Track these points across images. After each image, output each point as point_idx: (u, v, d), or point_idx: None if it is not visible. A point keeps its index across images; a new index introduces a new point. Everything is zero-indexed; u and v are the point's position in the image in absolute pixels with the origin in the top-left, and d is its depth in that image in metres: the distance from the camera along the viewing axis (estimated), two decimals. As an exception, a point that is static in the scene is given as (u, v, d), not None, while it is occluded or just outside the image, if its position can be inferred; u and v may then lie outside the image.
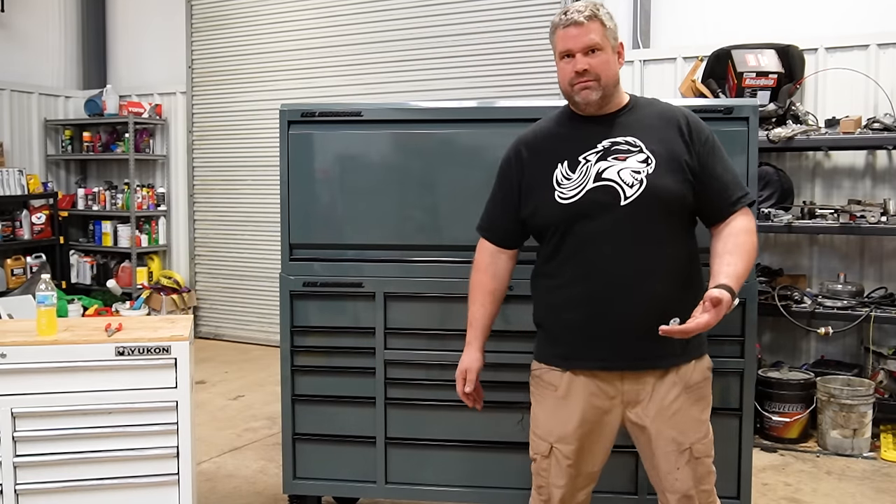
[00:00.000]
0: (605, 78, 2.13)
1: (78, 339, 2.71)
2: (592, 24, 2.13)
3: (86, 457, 2.71)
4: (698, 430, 2.18)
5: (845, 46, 4.89)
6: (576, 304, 2.17)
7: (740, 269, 2.05)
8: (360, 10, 6.45)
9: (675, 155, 2.13)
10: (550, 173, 2.18)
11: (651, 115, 2.21)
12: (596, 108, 2.17)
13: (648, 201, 2.09)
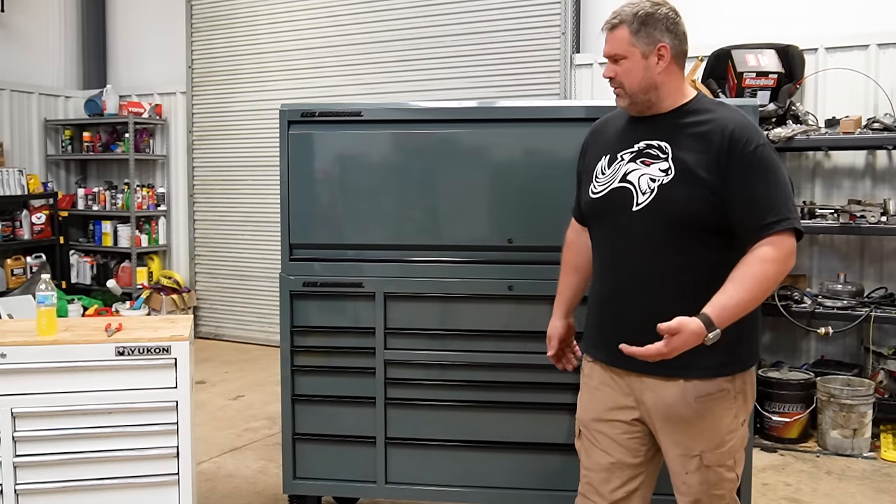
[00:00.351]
0: (629, 86, 2.10)
1: (78, 339, 2.71)
2: (617, 32, 2.11)
3: (86, 457, 2.71)
4: (712, 440, 2.13)
5: (845, 46, 4.89)
6: (594, 298, 2.27)
7: (735, 299, 1.94)
8: (360, 10, 6.44)
9: (698, 168, 2.03)
10: (595, 164, 2.23)
11: (699, 121, 2.08)
12: (636, 112, 2.16)
13: (657, 211, 2.05)
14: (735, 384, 2.15)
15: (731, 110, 2.12)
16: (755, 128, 2.09)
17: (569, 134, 2.96)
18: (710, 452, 2.14)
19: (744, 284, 1.97)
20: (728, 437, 2.15)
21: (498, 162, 3.02)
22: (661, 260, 2.08)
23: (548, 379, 2.99)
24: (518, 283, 2.97)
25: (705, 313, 1.90)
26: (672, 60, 2.09)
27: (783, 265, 2.04)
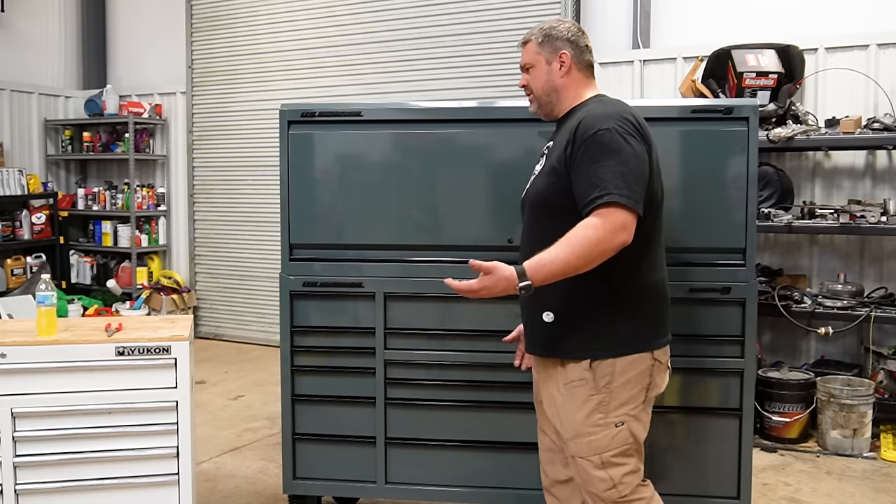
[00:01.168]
0: (536, 91, 2.39)
1: (78, 339, 2.71)
2: (526, 47, 2.41)
3: (86, 457, 2.71)
4: (572, 428, 2.22)
5: (845, 46, 4.89)
6: None
7: (553, 256, 2.03)
8: (360, 10, 6.44)
9: (555, 159, 2.24)
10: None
11: (570, 122, 2.27)
12: (544, 117, 2.44)
13: (529, 202, 2.36)
14: (597, 374, 2.19)
15: (600, 105, 2.26)
16: (608, 117, 2.17)
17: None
18: (572, 441, 2.22)
19: (564, 245, 2.05)
20: (588, 430, 2.19)
21: (498, 162, 3.02)
22: (532, 245, 2.20)
23: (548, 379, 2.99)
24: (518, 283, 2.97)
25: (521, 265, 2.04)
26: (573, 67, 2.34)
27: (607, 234, 2.04)
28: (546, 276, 2.03)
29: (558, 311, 2.22)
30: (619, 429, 2.19)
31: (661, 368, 2.28)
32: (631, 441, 2.21)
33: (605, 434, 2.18)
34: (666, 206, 2.92)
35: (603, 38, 5.75)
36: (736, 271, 2.88)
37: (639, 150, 2.14)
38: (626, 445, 2.20)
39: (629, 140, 2.13)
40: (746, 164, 2.83)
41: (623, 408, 2.19)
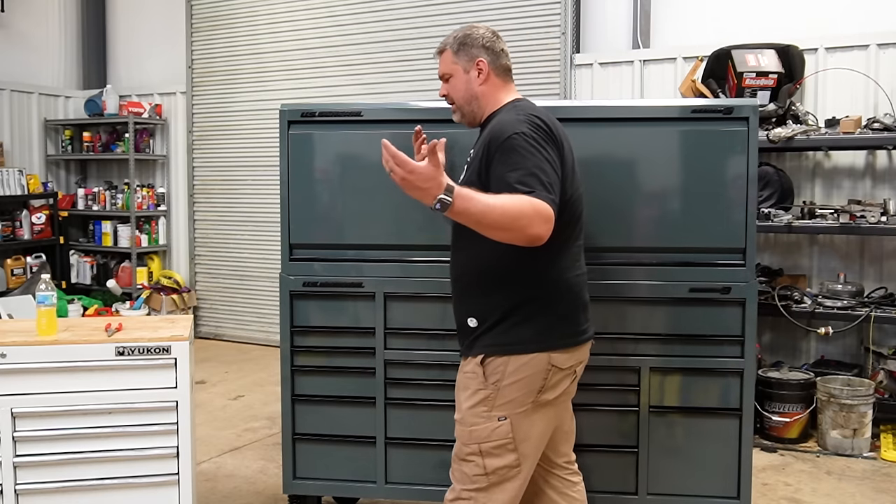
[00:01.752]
0: (458, 100, 2.42)
1: (78, 339, 2.71)
2: (442, 56, 2.42)
3: (86, 457, 2.71)
4: (458, 410, 2.34)
5: (845, 46, 4.89)
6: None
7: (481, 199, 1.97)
8: (360, 10, 6.44)
9: (474, 168, 2.27)
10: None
11: (487, 129, 2.31)
12: (468, 125, 2.45)
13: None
14: (487, 371, 2.25)
15: (512, 111, 2.28)
16: (519, 122, 2.18)
17: (568, 134, 2.96)
18: (458, 424, 2.33)
19: (497, 200, 2.00)
20: (472, 420, 2.28)
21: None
22: (461, 254, 2.35)
23: (548, 379, 2.99)
24: (518, 283, 2.97)
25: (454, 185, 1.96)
26: (490, 73, 2.36)
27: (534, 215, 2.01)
28: (464, 211, 1.96)
29: (480, 317, 2.29)
30: (501, 423, 2.24)
31: (560, 374, 2.28)
32: (510, 437, 2.25)
33: (487, 426, 2.25)
34: (666, 207, 2.94)
35: (603, 38, 5.76)
36: (736, 271, 2.89)
37: (551, 154, 2.15)
38: (505, 440, 2.25)
39: (541, 145, 2.14)
40: (746, 164, 2.83)
41: (508, 405, 2.25)
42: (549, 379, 2.26)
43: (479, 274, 2.30)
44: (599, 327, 2.95)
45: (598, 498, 2.99)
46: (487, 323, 2.27)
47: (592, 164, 2.96)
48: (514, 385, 2.23)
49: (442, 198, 1.92)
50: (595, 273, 2.94)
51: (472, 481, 2.30)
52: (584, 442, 3.00)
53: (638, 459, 2.96)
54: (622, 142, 2.93)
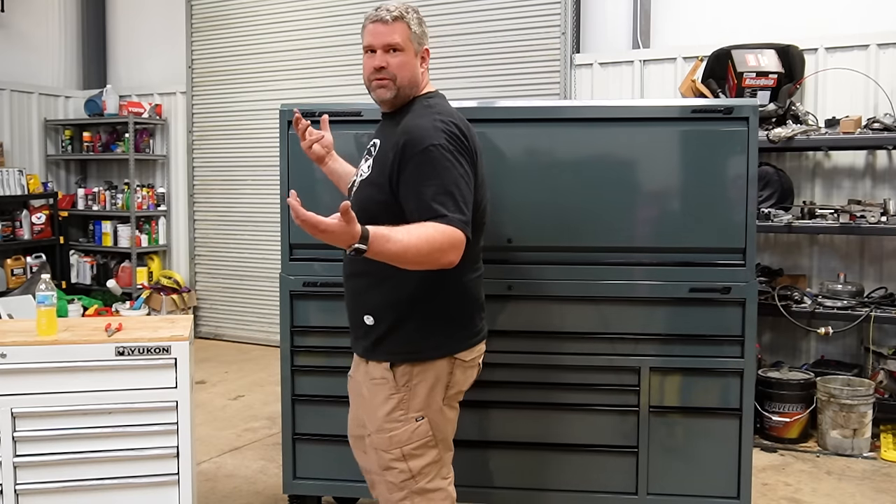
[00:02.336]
0: (401, 79, 2.23)
1: (78, 339, 2.71)
2: (398, 25, 2.22)
3: (86, 457, 2.71)
4: (373, 423, 2.28)
5: (845, 46, 4.89)
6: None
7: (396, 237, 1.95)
8: (359, 10, 6.43)
9: (382, 168, 2.19)
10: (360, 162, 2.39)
11: (398, 123, 2.24)
12: (389, 107, 2.29)
13: (355, 204, 2.15)
14: (396, 375, 2.25)
15: (427, 113, 2.19)
16: (434, 131, 2.13)
17: (569, 134, 2.97)
18: (375, 435, 2.28)
19: (411, 236, 1.98)
20: (389, 426, 2.25)
21: (497, 162, 3.02)
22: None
23: (547, 379, 2.99)
24: (517, 283, 2.97)
25: (368, 229, 1.91)
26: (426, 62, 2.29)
27: (445, 246, 2.02)
28: (381, 253, 1.94)
29: (377, 315, 2.26)
30: (420, 423, 2.25)
31: (464, 367, 2.32)
32: (430, 435, 2.27)
33: (406, 429, 2.25)
34: (666, 207, 2.94)
35: (603, 38, 5.76)
36: (736, 271, 2.89)
37: (466, 169, 2.14)
38: (426, 439, 2.26)
39: (457, 158, 2.12)
40: (746, 164, 2.83)
41: (423, 404, 2.26)
42: (456, 375, 2.30)
43: (378, 272, 2.17)
44: (600, 327, 2.96)
45: (598, 498, 2.99)
46: (386, 323, 2.24)
47: (592, 164, 2.97)
48: (424, 384, 2.25)
49: (357, 247, 1.89)
50: (595, 273, 2.95)
51: (399, 488, 2.28)
52: (584, 442, 3.00)
53: (638, 459, 2.96)
54: (622, 142, 2.93)
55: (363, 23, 2.31)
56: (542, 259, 2.97)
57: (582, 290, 2.94)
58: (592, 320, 2.96)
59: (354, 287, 2.31)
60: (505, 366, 3.01)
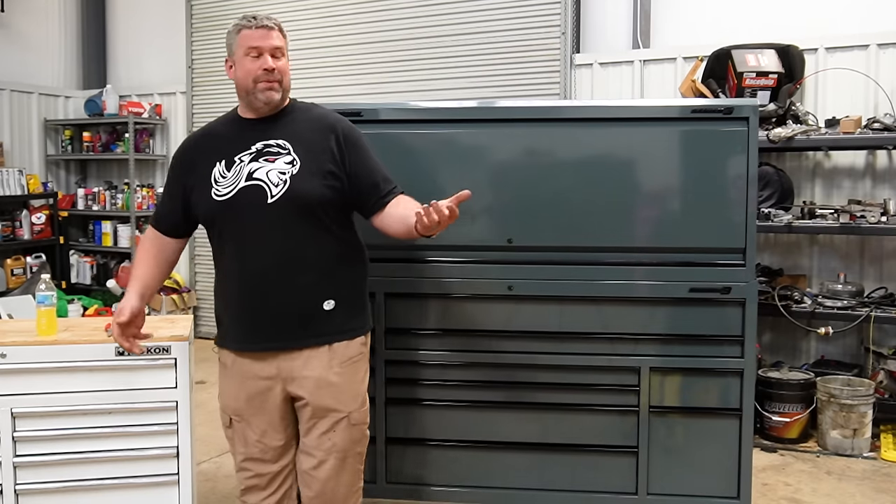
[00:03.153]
0: (286, 82, 2.38)
1: (78, 339, 2.71)
2: (276, 33, 2.37)
3: (86, 457, 2.70)
4: (355, 401, 2.41)
5: (845, 46, 4.89)
6: (229, 294, 2.41)
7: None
8: (360, 10, 6.44)
9: (321, 159, 2.33)
10: (209, 171, 2.36)
11: (305, 119, 2.41)
12: (273, 109, 2.40)
13: (291, 200, 2.29)
14: (367, 345, 2.49)
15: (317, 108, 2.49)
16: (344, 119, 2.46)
17: (569, 134, 2.97)
18: (357, 412, 2.41)
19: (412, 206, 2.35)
20: (365, 396, 2.46)
21: (498, 162, 3.02)
22: (300, 244, 2.32)
23: (548, 379, 3.00)
24: (518, 283, 2.98)
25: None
26: None
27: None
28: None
29: (337, 298, 2.37)
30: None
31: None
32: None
33: (367, 397, 2.48)
34: (666, 207, 2.94)
35: (603, 38, 5.75)
36: (736, 271, 2.89)
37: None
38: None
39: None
40: (746, 164, 2.83)
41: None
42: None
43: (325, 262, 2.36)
44: (600, 327, 2.97)
45: (598, 498, 2.99)
46: (346, 302, 2.40)
47: (593, 164, 2.97)
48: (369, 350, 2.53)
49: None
50: (595, 273, 2.95)
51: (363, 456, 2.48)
52: (584, 442, 3.00)
53: (638, 459, 2.96)
54: (622, 142, 2.93)
55: (233, 31, 2.43)
56: (543, 259, 2.97)
57: (582, 290, 2.95)
58: (592, 320, 2.96)
59: (304, 283, 2.34)
60: (505, 366, 3.01)
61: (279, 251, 2.31)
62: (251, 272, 2.33)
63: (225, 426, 2.53)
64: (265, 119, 2.42)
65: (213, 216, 2.37)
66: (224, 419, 2.53)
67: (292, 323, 2.35)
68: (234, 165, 2.35)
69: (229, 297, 2.42)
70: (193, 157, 2.43)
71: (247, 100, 2.42)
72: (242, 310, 2.39)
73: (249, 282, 2.34)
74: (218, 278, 2.49)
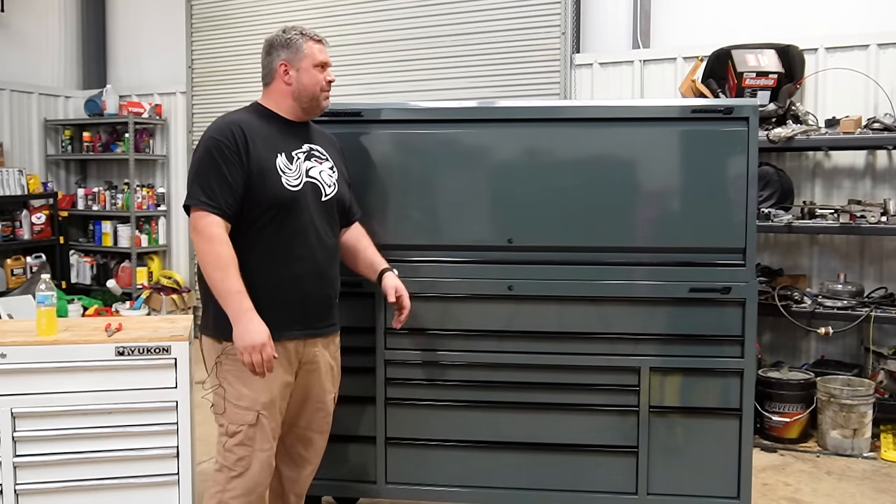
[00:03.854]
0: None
1: (78, 339, 2.71)
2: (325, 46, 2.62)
3: (86, 457, 2.71)
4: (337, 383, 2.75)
5: (845, 46, 4.89)
6: (288, 283, 2.48)
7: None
8: (360, 10, 6.44)
9: (342, 171, 2.69)
10: (273, 161, 2.47)
11: (320, 133, 2.72)
12: (316, 116, 2.67)
13: (337, 202, 2.62)
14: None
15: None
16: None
17: (569, 134, 2.97)
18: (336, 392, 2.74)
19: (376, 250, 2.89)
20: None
21: (498, 162, 3.02)
22: (335, 241, 2.65)
23: (547, 379, 3.00)
24: (518, 283, 2.98)
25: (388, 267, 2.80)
26: None
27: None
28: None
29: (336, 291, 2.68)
30: None
31: None
32: None
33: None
34: (666, 207, 2.94)
35: (603, 38, 5.75)
36: (736, 271, 2.89)
37: None
38: None
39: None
40: (746, 164, 2.83)
41: None
42: None
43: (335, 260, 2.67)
44: (600, 327, 2.97)
45: (598, 498, 2.99)
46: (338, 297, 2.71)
47: (593, 164, 2.97)
48: None
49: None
50: (595, 273, 2.95)
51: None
52: (584, 442, 3.00)
53: (638, 459, 2.96)
54: (622, 142, 2.93)
55: (300, 38, 2.55)
56: (543, 259, 2.97)
57: (582, 290, 2.95)
58: (593, 320, 2.96)
59: (335, 274, 2.65)
60: (505, 366, 3.01)
61: (325, 246, 2.57)
62: (308, 262, 2.51)
63: (249, 424, 2.41)
64: (300, 123, 2.62)
65: (282, 204, 2.45)
66: (248, 418, 2.42)
67: (326, 312, 2.62)
68: (294, 160, 2.52)
69: (282, 282, 2.46)
70: (248, 144, 2.44)
71: (307, 105, 2.58)
72: (297, 294, 2.50)
73: (307, 270, 2.51)
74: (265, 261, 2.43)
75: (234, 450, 2.43)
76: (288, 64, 2.53)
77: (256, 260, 2.43)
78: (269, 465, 2.48)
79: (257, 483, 2.44)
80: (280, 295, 2.45)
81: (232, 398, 2.43)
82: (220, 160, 2.39)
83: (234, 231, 2.40)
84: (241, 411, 2.42)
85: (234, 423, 2.43)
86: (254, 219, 2.42)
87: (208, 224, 2.35)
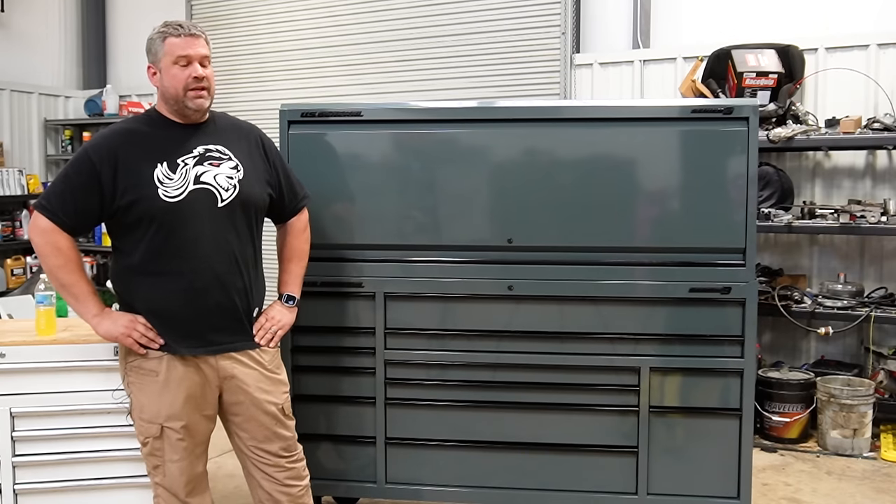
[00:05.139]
0: (212, 90, 2.43)
1: (77, 339, 2.71)
2: (202, 41, 2.41)
3: (85, 456, 2.71)
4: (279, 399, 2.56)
5: (845, 46, 4.89)
6: (179, 296, 2.38)
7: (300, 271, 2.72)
8: (360, 10, 6.44)
9: (257, 166, 2.52)
10: (150, 172, 2.34)
11: (230, 127, 2.55)
12: (202, 116, 2.45)
13: (240, 204, 2.44)
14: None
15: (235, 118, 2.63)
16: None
17: (569, 134, 2.97)
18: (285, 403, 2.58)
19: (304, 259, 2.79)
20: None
21: (498, 162, 3.02)
22: (244, 247, 2.47)
23: (547, 379, 3.00)
24: (518, 283, 2.97)
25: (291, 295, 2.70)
26: None
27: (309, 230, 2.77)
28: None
29: (258, 303, 2.57)
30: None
31: None
32: None
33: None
34: (666, 207, 2.94)
35: (603, 38, 5.75)
36: (736, 271, 2.89)
37: None
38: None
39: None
40: (746, 164, 2.83)
41: None
42: None
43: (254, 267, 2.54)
44: (600, 327, 2.97)
45: (598, 498, 2.99)
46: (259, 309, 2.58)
47: (593, 164, 2.97)
48: None
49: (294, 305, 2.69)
50: (595, 273, 2.95)
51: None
52: (584, 442, 3.00)
53: (638, 459, 2.96)
54: (622, 142, 2.93)
55: (158, 38, 2.41)
56: (543, 259, 2.97)
57: (582, 290, 2.95)
58: (592, 320, 2.96)
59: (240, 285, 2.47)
60: (505, 366, 3.01)
61: (226, 254, 2.41)
62: (198, 274, 2.37)
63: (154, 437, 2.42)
64: (196, 125, 2.45)
65: (160, 217, 2.32)
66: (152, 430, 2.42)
67: (232, 325, 2.45)
68: (178, 168, 2.36)
69: (172, 298, 2.37)
70: (120, 155, 2.33)
71: (175, 107, 2.40)
72: (192, 310, 2.38)
73: (195, 282, 2.37)
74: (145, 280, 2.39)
75: (148, 459, 2.48)
76: (153, 66, 2.41)
77: (144, 275, 2.38)
78: (189, 471, 2.46)
79: (179, 486, 2.46)
80: (172, 309, 2.38)
81: (135, 411, 2.46)
82: (74, 181, 2.33)
83: (120, 249, 2.42)
84: (145, 424, 2.43)
85: (141, 435, 2.46)
86: (135, 235, 2.36)
87: (45, 221, 2.32)
